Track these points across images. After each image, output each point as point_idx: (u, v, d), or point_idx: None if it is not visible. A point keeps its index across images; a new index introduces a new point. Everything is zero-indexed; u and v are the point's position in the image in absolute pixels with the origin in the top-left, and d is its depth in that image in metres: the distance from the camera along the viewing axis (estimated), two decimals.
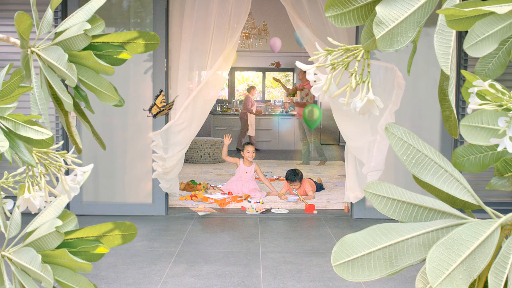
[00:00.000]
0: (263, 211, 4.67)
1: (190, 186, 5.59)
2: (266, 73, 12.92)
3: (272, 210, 4.73)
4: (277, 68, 12.43)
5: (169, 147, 4.36)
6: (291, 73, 12.91)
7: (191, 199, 5.06)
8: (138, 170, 4.51)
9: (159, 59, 4.41)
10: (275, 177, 6.77)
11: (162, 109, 4.24)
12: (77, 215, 4.57)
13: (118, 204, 4.48)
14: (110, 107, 4.34)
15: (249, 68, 12.85)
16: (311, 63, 0.98)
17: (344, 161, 4.72)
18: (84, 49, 1.15)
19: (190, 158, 8.36)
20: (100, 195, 4.49)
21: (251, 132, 10.62)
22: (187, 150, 7.19)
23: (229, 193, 5.28)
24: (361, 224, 4.26)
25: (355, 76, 0.91)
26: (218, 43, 4.51)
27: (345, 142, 4.53)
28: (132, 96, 4.40)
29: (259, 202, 4.95)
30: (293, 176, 5.30)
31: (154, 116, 4.27)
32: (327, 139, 12.21)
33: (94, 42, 1.22)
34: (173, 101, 4.39)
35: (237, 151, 9.96)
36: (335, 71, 0.95)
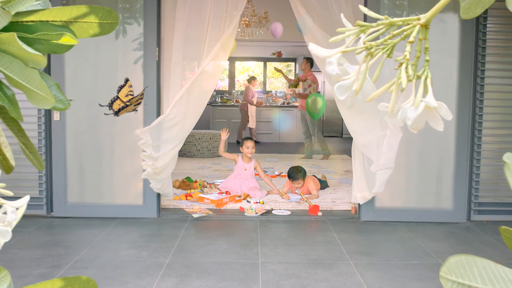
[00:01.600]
0: (263, 213, 4.32)
1: (186, 184, 5.23)
2: (267, 63, 12.53)
3: (273, 212, 4.37)
4: (279, 57, 12.04)
5: (161, 144, 3.98)
6: (293, 63, 12.52)
7: (186, 199, 4.70)
8: (127, 169, 4.15)
9: (150, 48, 4.02)
10: (276, 173, 6.40)
11: (127, 103, 3.59)
12: (61, 217, 4.13)
13: (105, 205, 4.12)
14: (95, 100, 3.97)
15: (249, 58, 12.45)
16: (330, 47, 0.61)
17: (348, 155, 4.36)
18: (8, 29, 0.79)
19: (187, 152, 8.00)
20: (86, 196, 4.13)
21: (252, 124, 10.27)
22: (184, 144, 6.83)
23: (226, 192, 4.91)
24: (370, 227, 3.91)
25: (407, 67, 0.55)
26: (215, 30, 4.11)
27: (348, 134, 4.15)
28: None
29: (259, 202, 4.59)
30: (296, 174, 4.93)
31: (116, 113, 3.65)
32: (330, 131, 11.87)
33: (25, 21, 0.85)
34: (142, 93, 3.86)
35: (237, 144, 9.61)
36: (372, 59, 0.59)
